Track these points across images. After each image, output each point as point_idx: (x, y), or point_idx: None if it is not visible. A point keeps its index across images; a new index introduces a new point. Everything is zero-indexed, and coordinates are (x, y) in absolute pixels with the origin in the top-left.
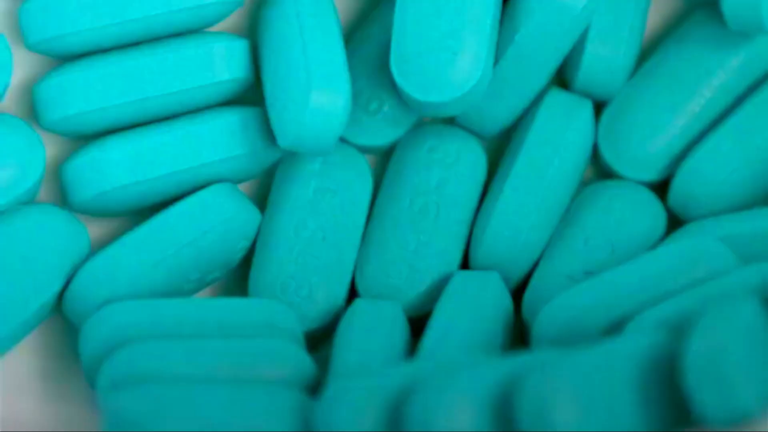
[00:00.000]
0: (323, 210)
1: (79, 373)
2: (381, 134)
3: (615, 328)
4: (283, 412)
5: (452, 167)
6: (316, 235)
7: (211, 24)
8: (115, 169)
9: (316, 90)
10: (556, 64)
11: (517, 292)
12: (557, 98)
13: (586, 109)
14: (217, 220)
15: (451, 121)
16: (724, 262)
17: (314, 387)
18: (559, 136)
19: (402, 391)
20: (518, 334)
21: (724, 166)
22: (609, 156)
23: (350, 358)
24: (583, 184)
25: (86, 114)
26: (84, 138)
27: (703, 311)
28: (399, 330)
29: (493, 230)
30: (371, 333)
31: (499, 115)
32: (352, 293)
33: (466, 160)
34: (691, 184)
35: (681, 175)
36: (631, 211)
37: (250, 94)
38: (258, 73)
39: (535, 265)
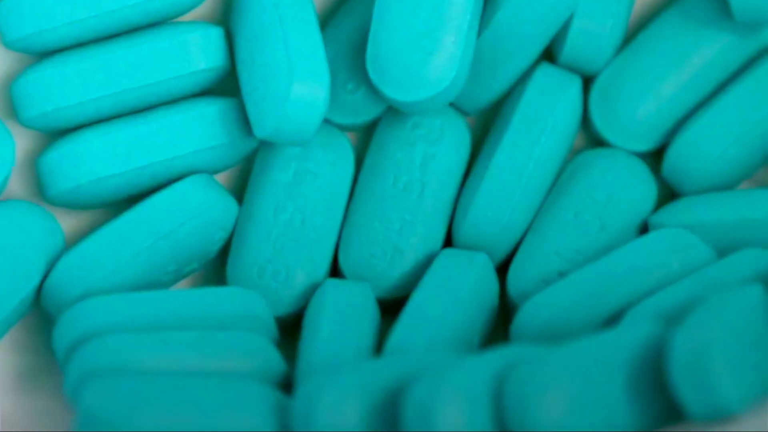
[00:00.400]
0: (303, 193)
1: (56, 368)
2: (361, 112)
3: (593, 324)
4: (257, 407)
5: (436, 144)
6: (295, 219)
7: (185, 12)
8: (91, 162)
9: (298, 82)
10: (542, 43)
11: (502, 269)
12: (546, 73)
13: (575, 85)
14: (194, 212)
15: None
16: (697, 253)
17: (284, 380)
18: (547, 114)
19: (383, 388)
20: (503, 313)
21: (721, 140)
22: (600, 124)
23: (319, 342)
24: (574, 152)
25: (64, 109)
26: (64, 133)
27: (700, 302)
28: (368, 312)
29: (477, 209)
30: (340, 315)
31: (483, 93)
32: (335, 276)
33: (451, 136)
34: (688, 157)
35: (677, 147)
36: (623, 184)
37: (227, 83)
38: (233, 61)
39: (521, 239)
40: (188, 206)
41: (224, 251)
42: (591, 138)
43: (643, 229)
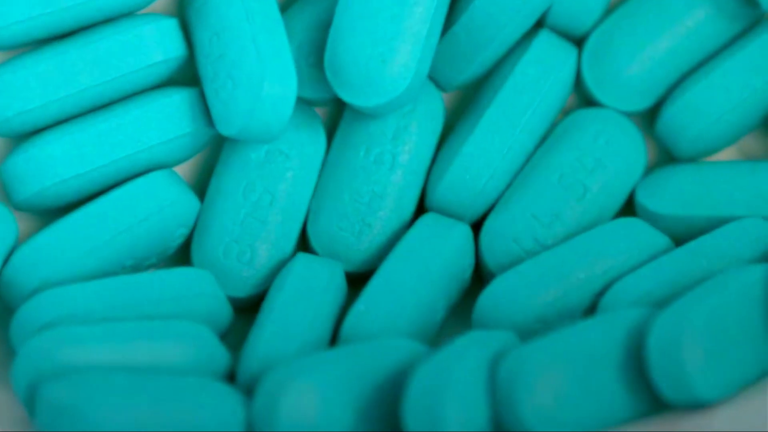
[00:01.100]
0: (274, 173)
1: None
2: (323, 86)
3: (553, 306)
4: (217, 404)
5: (409, 116)
6: (264, 199)
7: (140, 7)
8: (54, 164)
9: (269, 83)
10: (521, 30)
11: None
12: (546, 41)
13: (572, 57)
14: (155, 207)
15: None
16: (652, 238)
17: (228, 369)
18: (541, 85)
19: (348, 383)
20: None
21: (720, 106)
22: (592, 84)
23: (276, 316)
24: (565, 111)
25: (26, 113)
26: (29, 136)
27: (690, 286)
28: (332, 290)
29: (455, 171)
30: (299, 292)
31: (460, 74)
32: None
33: (424, 109)
34: (684, 120)
35: (673, 109)
36: (614, 150)
37: (185, 72)
38: (191, 51)
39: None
40: (149, 202)
41: (184, 247)
42: (582, 98)
43: (629, 199)
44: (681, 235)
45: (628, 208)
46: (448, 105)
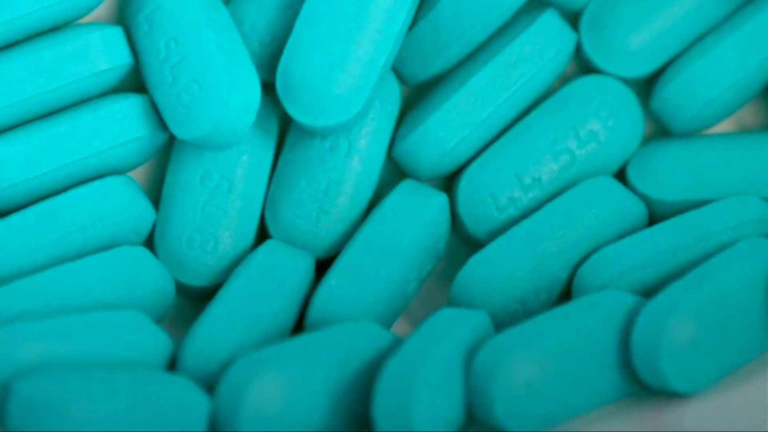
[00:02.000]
0: (229, 159)
1: None
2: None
3: (531, 284)
4: (184, 400)
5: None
6: (222, 186)
7: (83, 14)
8: (5, 168)
9: (237, 88)
10: (488, 31)
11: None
12: (549, 22)
13: (571, 42)
14: (108, 211)
15: None
16: (625, 200)
17: (169, 355)
18: (535, 62)
19: (313, 372)
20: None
21: (717, 84)
22: (590, 49)
23: (225, 302)
24: (564, 78)
25: None
26: None
27: (684, 273)
28: (295, 279)
29: (429, 126)
30: (261, 278)
31: (422, 71)
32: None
33: (381, 95)
34: (681, 97)
35: (671, 86)
36: (611, 126)
37: (128, 81)
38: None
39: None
40: (103, 205)
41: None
42: (581, 63)
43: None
44: (673, 215)
45: (619, 178)
46: (405, 92)
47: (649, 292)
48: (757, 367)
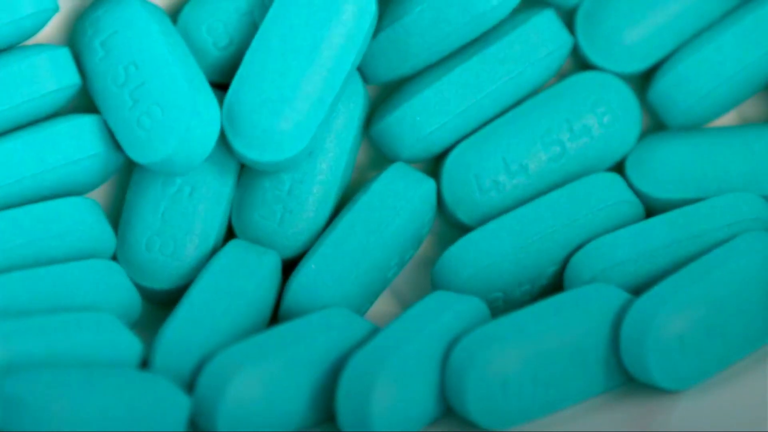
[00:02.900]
0: None
1: None
2: (227, 74)
3: (515, 274)
4: (164, 399)
5: None
6: (184, 191)
7: (30, 36)
8: None
9: (200, 112)
10: (461, 42)
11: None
12: (545, 23)
13: (566, 45)
14: (66, 231)
15: None
16: (622, 194)
17: (140, 356)
18: (524, 61)
19: (290, 369)
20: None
21: (713, 78)
22: (586, 45)
23: (193, 301)
24: (561, 75)
25: None
26: None
27: (675, 271)
28: (262, 276)
29: (408, 109)
30: (228, 277)
31: (389, 73)
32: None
33: (347, 95)
34: (677, 90)
35: (667, 78)
36: (606, 126)
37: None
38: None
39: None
40: (61, 224)
41: None
42: (578, 61)
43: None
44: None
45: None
46: (372, 92)
47: (640, 285)
48: (755, 364)
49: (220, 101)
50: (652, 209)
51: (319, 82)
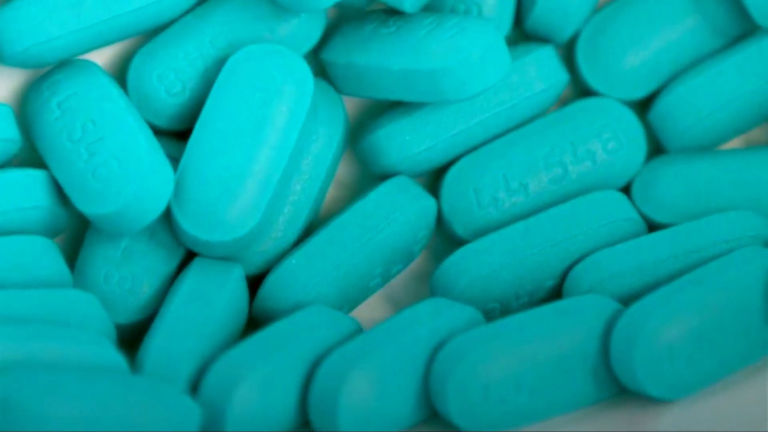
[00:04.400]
0: None
1: None
2: (184, 118)
3: (512, 285)
4: (160, 407)
5: (313, 122)
6: (145, 230)
7: None
8: None
9: (155, 173)
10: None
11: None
12: (544, 59)
13: (562, 82)
14: (22, 266)
15: None
16: (625, 212)
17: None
18: (521, 94)
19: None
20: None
21: (711, 101)
22: (587, 71)
23: (168, 319)
24: (562, 102)
25: None
26: None
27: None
28: (230, 289)
29: (397, 127)
30: (198, 292)
31: (360, 93)
32: None
33: (326, 119)
34: (676, 111)
35: (666, 101)
36: (612, 149)
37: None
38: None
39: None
40: (16, 260)
41: None
42: (579, 86)
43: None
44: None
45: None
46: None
47: (636, 298)
48: (754, 372)
49: (179, 150)
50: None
51: (265, 160)
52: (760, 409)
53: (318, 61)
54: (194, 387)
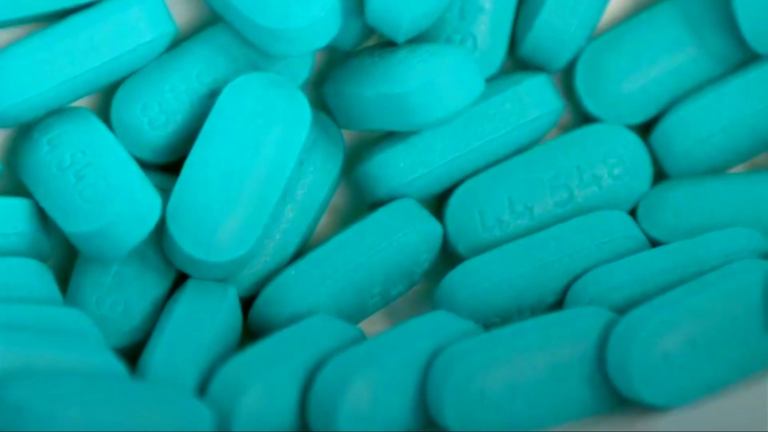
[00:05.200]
0: None
1: None
2: (171, 150)
3: (515, 299)
4: (172, 411)
5: (309, 151)
6: (136, 253)
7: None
8: None
9: (143, 195)
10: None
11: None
12: (538, 86)
13: (558, 110)
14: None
15: None
16: (628, 230)
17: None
18: (515, 121)
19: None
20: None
21: (710, 125)
22: (585, 96)
23: (165, 340)
24: (561, 127)
25: None
26: None
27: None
28: (224, 311)
29: (392, 154)
30: (192, 314)
31: (357, 126)
32: None
33: (324, 150)
34: (674, 134)
35: (666, 124)
36: (618, 175)
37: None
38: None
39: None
40: (7, 283)
41: None
42: (579, 112)
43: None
44: None
45: None
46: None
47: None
48: (754, 379)
49: (162, 182)
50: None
51: (262, 183)
52: (761, 410)
53: (320, 95)
54: (199, 394)
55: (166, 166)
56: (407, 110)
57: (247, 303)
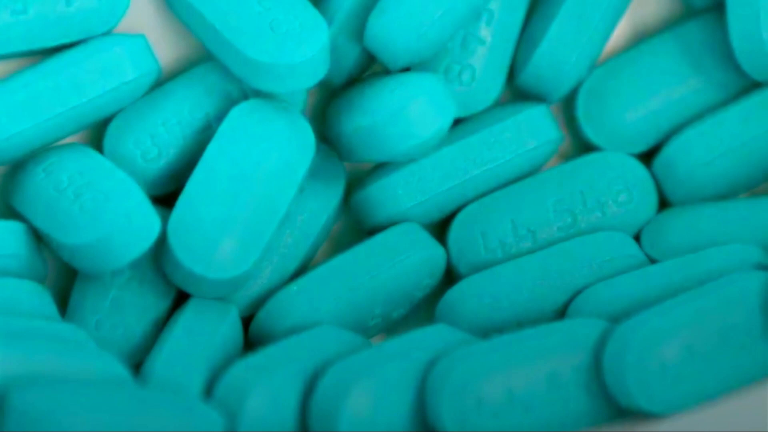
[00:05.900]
0: None
1: None
2: (163, 185)
3: (515, 314)
4: (183, 416)
5: (309, 179)
6: (133, 280)
7: None
8: None
9: (141, 211)
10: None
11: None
12: (537, 116)
13: (556, 140)
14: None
15: None
16: (628, 249)
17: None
18: (513, 150)
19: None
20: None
21: (710, 150)
22: (586, 125)
23: (164, 358)
24: (561, 157)
25: None
26: None
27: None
28: (224, 330)
29: (389, 180)
30: (192, 332)
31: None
32: None
33: (326, 177)
34: (676, 160)
35: (667, 150)
36: (622, 202)
37: None
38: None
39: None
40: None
41: None
42: (580, 141)
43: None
44: None
45: None
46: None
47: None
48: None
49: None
50: None
51: (264, 204)
52: (761, 411)
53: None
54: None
55: (159, 199)
56: (381, 141)
57: (244, 324)
